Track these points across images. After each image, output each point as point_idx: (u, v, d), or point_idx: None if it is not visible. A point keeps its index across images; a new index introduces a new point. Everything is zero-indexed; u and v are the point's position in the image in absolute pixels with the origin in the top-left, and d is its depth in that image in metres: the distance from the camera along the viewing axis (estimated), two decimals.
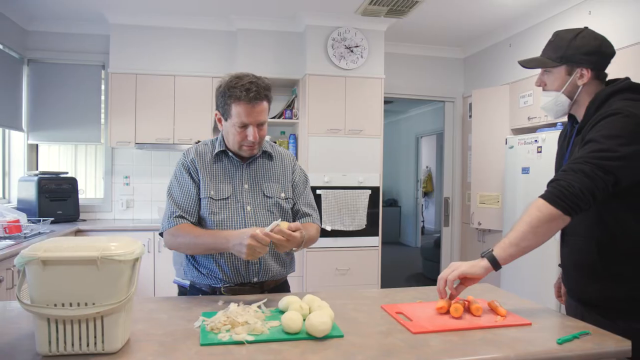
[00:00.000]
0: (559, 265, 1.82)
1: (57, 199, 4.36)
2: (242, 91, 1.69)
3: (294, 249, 1.70)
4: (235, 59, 4.67)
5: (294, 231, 1.60)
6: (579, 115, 1.64)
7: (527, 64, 1.70)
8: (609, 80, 1.64)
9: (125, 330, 1.21)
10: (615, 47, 3.71)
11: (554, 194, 1.41)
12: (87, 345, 1.15)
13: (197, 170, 1.83)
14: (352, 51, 4.62)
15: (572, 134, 1.66)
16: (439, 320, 1.43)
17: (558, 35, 1.64)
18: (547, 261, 3.69)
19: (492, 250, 1.47)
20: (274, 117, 4.82)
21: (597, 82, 1.61)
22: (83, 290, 1.12)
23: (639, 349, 1.32)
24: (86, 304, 1.12)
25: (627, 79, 1.59)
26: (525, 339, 1.29)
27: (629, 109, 1.44)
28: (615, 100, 1.52)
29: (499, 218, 4.63)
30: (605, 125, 1.45)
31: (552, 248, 3.71)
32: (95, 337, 1.15)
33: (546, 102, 1.68)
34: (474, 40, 5.31)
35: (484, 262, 1.46)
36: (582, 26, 1.67)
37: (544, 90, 1.69)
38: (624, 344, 1.27)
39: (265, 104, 1.76)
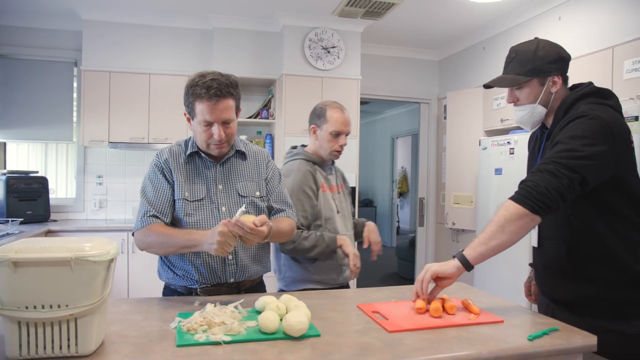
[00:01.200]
0: (530, 264, 1.87)
1: (26, 199, 4.26)
2: (203, 88, 1.67)
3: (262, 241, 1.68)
4: (212, 58, 4.64)
5: (260, 225, 1.56)
6: (548, 121, 1.68)
7: (499, 83, 1.69)
8: (573, 85, 1.69)
9: (100, 332, 1.19)
10: (584, 53, 3.82)
11: (521, 193, 1.45)
12: (60, 348, 1.13)
13: (171, 170, 1.80)
14: (328, 52, 4.64)
15: (543, 139, 1.69)
16: (415, 319, 1.45)
17: (517, 50, 1.67)
18: (518, 261, 3.77)
19: (463, 250, 1.50)
20: (250, 117, 4.80)
21: (564, 87, 1.67)
22: (56, 292, 1.10)
23: (606, 345, 1.37)
24: (59, 306, 1.10)
25: (591, 83, 1.64)
26: (497, 336, 1.33)
27: (594, 112, 1.49)
28: (582, 104, 1.57)
29: (473, 218, 4.71)
30: (572, 127, 1.50)
31: (523, 248, 3.80)
32: (68, 339, 1.13)
33: (522, 116, 1.69)
34: (449, 43, 5.39)
35: (455, 262, 1.50)
36: (554, 31, 1.72)
37: (516, 105, 1.70)
38: (590, 339, 1.31)
39: (229, 101, 1.72)
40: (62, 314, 1.10)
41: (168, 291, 1.86)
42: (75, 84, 4.77)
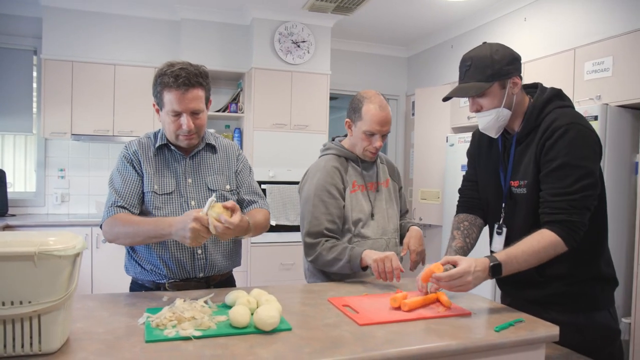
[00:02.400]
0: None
1: None
2: (171, 77, 1.64)
3: (242, 237, 1.66)
4: (179, 50, 4.55)
5: (230, 210, 1.53)
6: (513, 125, 1.68)
7: (462, 93, 1.66)
8: (524, 85, 1.71)
9: (65, 329, 1.15)
10: (548, 53, 3.92)
11: (573, 237, 1.48)
12: (22, 346, 1.08)
13: (140, 162, 1.77)
14: (298, 46, 4.62)
15: (512, 145, 1.68)
16: (385, 312, 1.46)
17: (472, 58, 1.64)
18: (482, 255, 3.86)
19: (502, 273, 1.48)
20: (218, 111, 4.74)
21: (521, 88, 1.67)
22: (18, 288, 1.05)
23: (567, 336, 1.42)
24: (21, 303, 1.06)
25: (539, 84, 1.69)
26: (465, 327, 1.36)
27: (575, 121, 1.53)
28: (552, 107, 1.60)
29: (440, 213, 4.79)
30: (572, 143, 1.51)
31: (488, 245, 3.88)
32: (31, 337, 1.08)
33: (488, 122, 1.66)
34: (418, 40, 5.45)
35: (487, 276, 1.47)
36: (519, 31, 1.74)
37: (478, 112, 1.67)
38: (553, 330, 1.36)
39: (198, 91, 1.69)
40: (25, 311, 1.06)
41: (135, 286, 1.82)
42: (35, 73, 4.60)
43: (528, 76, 3.84)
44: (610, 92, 3.17)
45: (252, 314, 1.32)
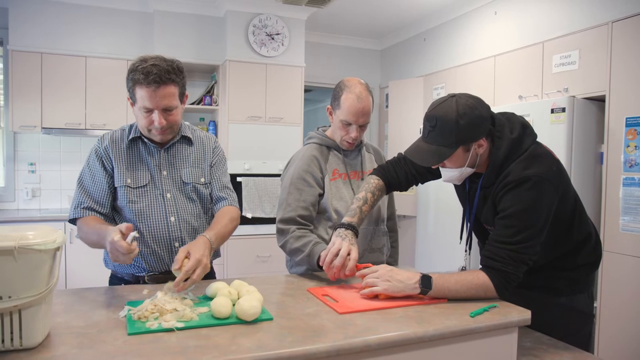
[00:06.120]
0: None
1: None
2: (142, 74, 1.61)
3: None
4: (152, 42, 4.49)
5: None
6: (478, 170, 1.66)
7: (424, 160, 1.62)
8: (493, 117, 1.63)
9: (46, 323, 1.15)
10: (518, 47, 3.99)
11: (505, 286, 1.50)
12: (3, 341, 1.08)
13: (110, 158, 1.75)
14: (273, 39, 4.61)
15: (478, 187, 1.66)
16: (363, 301, 1.50)
17: (437, 119, 1.54)
18: (455, 247, 3.95)
19: (432, 289, 1.50)
20: (192, 103, 4.70)
21: (489, 141, 1.61)
22: None
23: (550, 318, 1.54)
24: (1, 298, 1.05)
25: (499, 119, 1.62)
26: (442, 314, 1.40)
27: (526, 175, 1.50)
28: (509, 163, 1.56)
29: (414, 204, 4.87)
30: (519, 198, 1.50)
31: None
32: (12, 332, 1.08)
33: (451, 176, 1.66)
34: (391, 33, 5.50)
35: (416, 289, 1.50)
36: (490, 24, 1.74)
37: (443, 167, 1.66)
38: (525, 314, 1.42)
39: (171, 88, 1.66)
40: (5, 306, 1.05)
41: (115, 280, 1.81)
42: (1, 65, 4.47)
43: (499, 69, 3.93)
44: (577, 84, 3.27)
45: (233, 305, 1.33)
